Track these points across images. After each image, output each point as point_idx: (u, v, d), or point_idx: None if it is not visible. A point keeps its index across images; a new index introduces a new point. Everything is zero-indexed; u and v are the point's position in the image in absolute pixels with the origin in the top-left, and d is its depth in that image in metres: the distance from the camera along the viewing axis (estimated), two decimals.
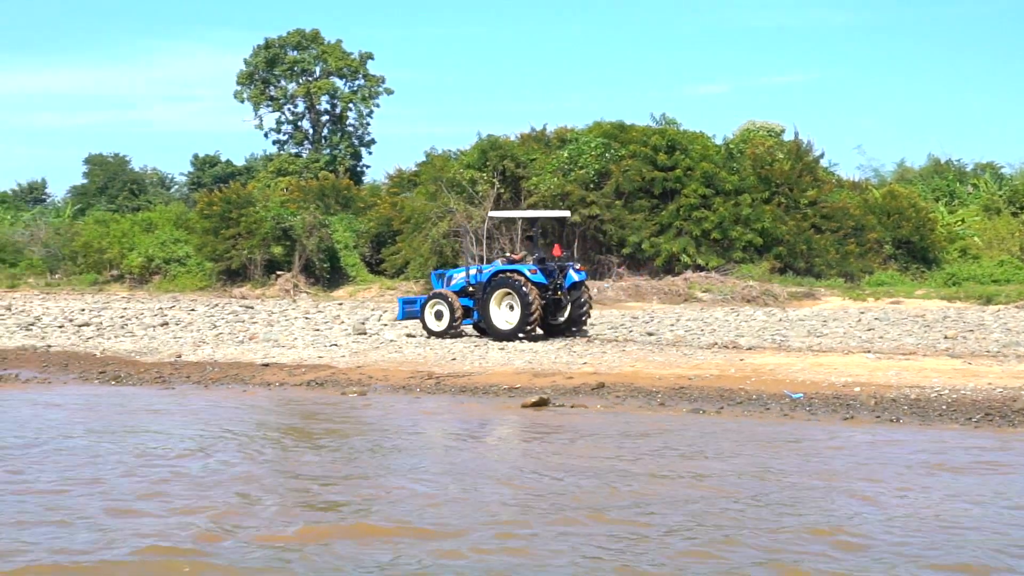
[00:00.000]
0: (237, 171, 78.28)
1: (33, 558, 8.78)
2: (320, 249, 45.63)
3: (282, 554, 8.91)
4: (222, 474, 11.92)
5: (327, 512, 10.29)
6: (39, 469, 11.99)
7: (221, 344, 24.45)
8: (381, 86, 66.93)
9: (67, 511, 10.17)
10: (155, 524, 9.76)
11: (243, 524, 9.79)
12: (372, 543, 9.17)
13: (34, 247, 57.28)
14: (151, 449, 13.21)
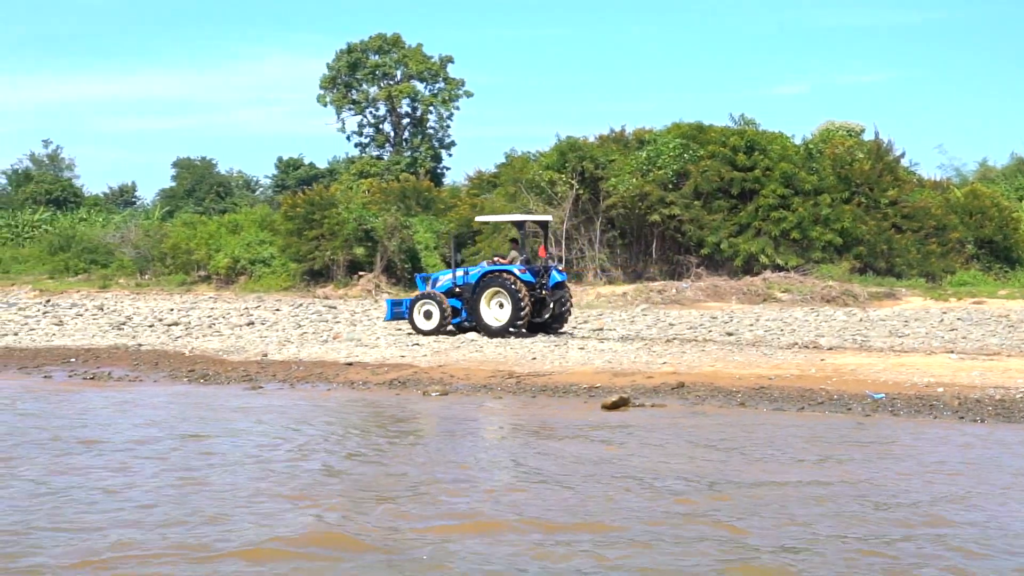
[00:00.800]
0: (320, 173, 79.24)
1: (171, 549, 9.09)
2: (401, 250, 46.15)
3: (442, 549, 9.05)
4: (330, 472, 12.15)
5: (451, 509, 10.38)
6: (153, 467, 12.20)
7: (305, 343, 24.89)
8: (461, 89, 67.42)
9: (194, 507, 10.41)
10: (274, 521, 9.93)
11: (381, 523, 9.89)
12: (518, 540, 9.38)
13: (125, 248, 58.53)
14: (257, 448, 13.42)
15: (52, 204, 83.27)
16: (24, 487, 11.10)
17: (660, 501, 10.59)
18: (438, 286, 26.66)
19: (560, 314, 26.31)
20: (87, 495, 10.75)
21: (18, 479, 11.49)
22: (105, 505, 10.40)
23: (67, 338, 27.21)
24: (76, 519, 9.87)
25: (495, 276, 25.39)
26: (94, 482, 11.38)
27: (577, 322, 29.66)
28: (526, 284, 25.21)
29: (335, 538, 9.33)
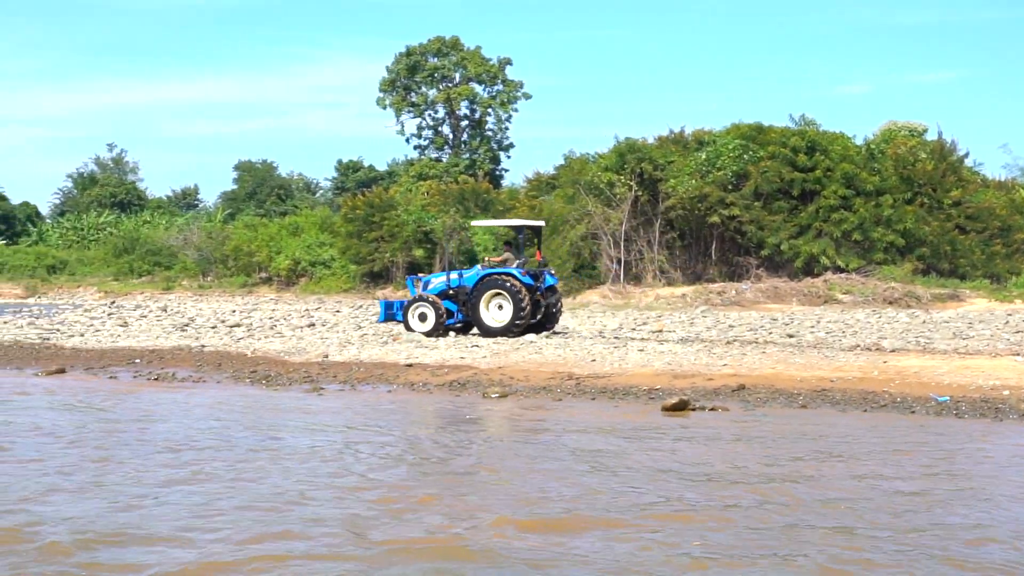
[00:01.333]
0: (379, 176, 79.74)
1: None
2: (460, 251, 46.33)
3: (543, 553, 8.92)
4: (417, 474, 12.18)
5: (539, 511, 10.24)
6: (254, 471, 12.14)
7: (366, 345, 25.03)
8: (519, 91, 67.64)
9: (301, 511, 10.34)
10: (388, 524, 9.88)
11: (479, 526, 9.74)
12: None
13: (187, 251, 59.31)
14: (340, 450, 13.47)
15: (117, 207, 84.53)
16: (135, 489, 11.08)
17: (746, 509, 10.44)
18: (430, 288, 27.15)
19: (552, 316, 27.12)
20: (186, 498, 10.74)
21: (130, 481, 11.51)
22: (195, 506, 10.48)
23: (132, 339, 27.56)
24: (185, 524, 9.86)
25: (495, 279, 26.07)
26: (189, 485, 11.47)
27: (636, 324, 29.60)
28: (526, 286, 25.92)
29: (442, 542, 9.28)
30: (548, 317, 27.03)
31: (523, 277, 25.99)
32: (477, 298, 26.13)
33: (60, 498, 10.56)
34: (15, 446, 13.30)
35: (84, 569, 8.39)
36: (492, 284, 26.04)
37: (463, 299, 26.52)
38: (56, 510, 10.05)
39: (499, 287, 25.93)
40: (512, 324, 25.80)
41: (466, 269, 27.96)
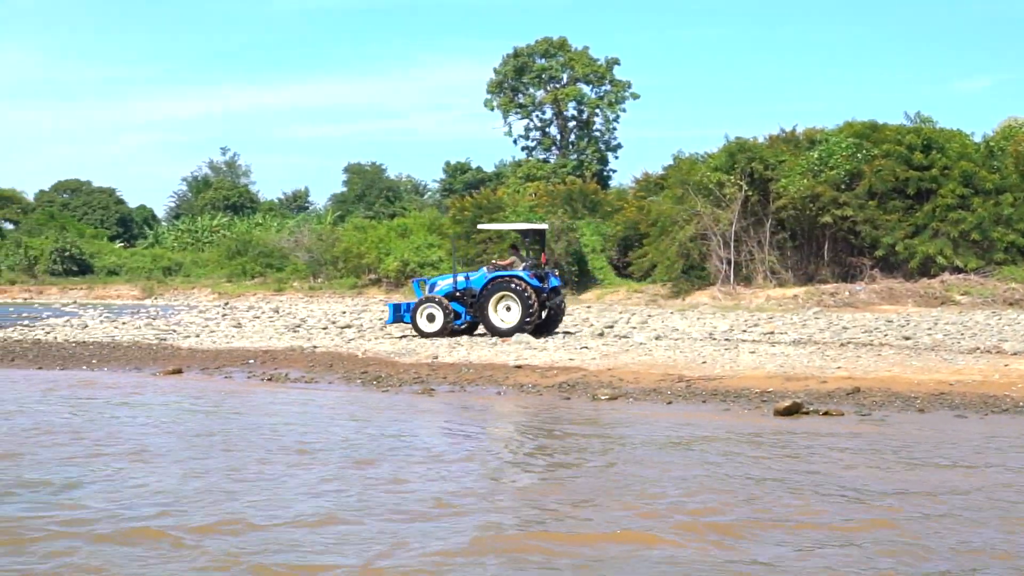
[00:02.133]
0: (487, 177, 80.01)
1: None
2: (568, 253, 46.26)
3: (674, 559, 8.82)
4: (538, 480, 12.17)
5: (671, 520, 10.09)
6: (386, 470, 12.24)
7: (475, 346, 25.07)
8: (627, 91, 67.35)
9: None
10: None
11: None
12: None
13: (298, 252, 60.15)
14: (467, 454, 13.50)
15: (229, 210, 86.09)
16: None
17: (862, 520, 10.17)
18: (436, 290, 27.76)
19: (556, 316, 27.95)
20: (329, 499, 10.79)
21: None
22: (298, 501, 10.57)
23: (245, 340, 27.98)
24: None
25: (504, 281, 26.78)
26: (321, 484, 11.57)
27: (747, 325, 29.24)
28: (533, 289, 26.68)
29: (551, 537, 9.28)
30: (552, 318, 27.77)
31: (531, 279, 26.71)
32: (486, 300, 26.80)
33: (215, 497, 10.72)
34: (155, 448, 13.54)
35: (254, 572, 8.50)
36: (500, 286, 26.78)
37: (470, 300, 27.23)
38: (208, 509, 10.21)
39: (507, 289, 26.69)
40: (521, 325, 26.51)
41: (472, 272, 28.56)
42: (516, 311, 26.64)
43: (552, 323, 27.81)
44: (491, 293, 26.78)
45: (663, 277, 42.74)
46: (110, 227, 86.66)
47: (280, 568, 8.42)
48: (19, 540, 9.13)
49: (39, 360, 25.09)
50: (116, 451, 13.12)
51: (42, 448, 13.21)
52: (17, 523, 9.61)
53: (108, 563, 8.51)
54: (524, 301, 26.52)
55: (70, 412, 16.41)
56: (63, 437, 13.98)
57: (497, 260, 28.57)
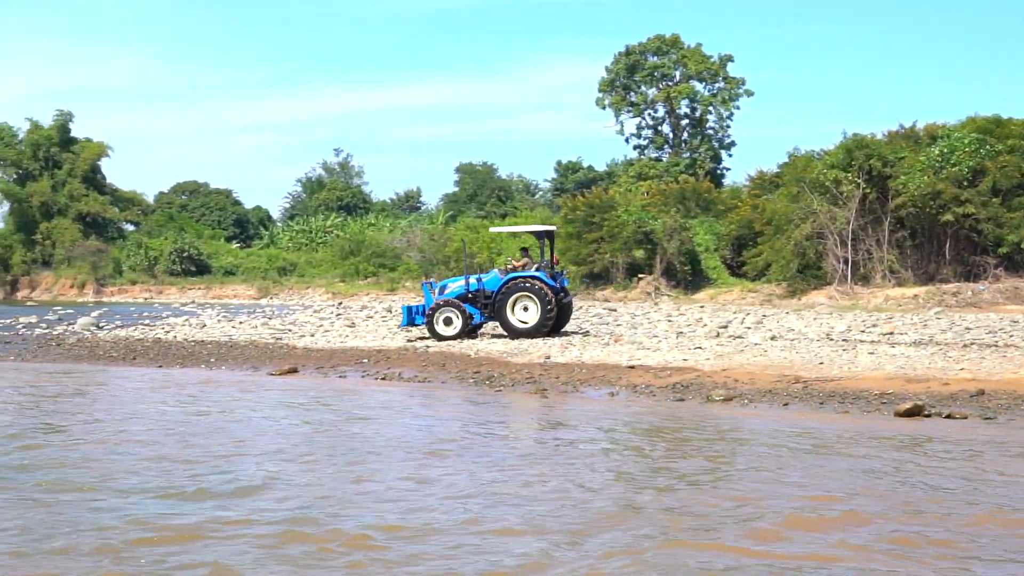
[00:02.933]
0: (599, 176, 79.76)
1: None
2: (681, 252, 45.86)
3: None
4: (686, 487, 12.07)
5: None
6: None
7: (587, 346, 24.94)
8: (741, 88, 66.55)
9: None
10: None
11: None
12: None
13: (411, 252, 60.60)
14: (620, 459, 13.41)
15: (343, 210, 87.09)
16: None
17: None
18: (447, 293, 28.01)
19: (566, 316, 28.47)
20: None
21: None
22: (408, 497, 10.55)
23: (359, 340, 28.23)
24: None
25: (522, 282, 27.17)
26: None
27: (865, 325, 28.63)
28: (549, 288, 27.11)
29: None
30: (562, 317, 28.12)
31: (548, 280, 27.21)
32: (504, 301, 27.14)
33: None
34: (301, 448, 13.66)
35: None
36: (519, 287, 27.13)
37: (482, 302, 27.56)
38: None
39: (526, 290, 27.06)
40: (541, 325, 26.90)
41: (483, 274, 28.74)
42: (534, 311, 27.03)
43: (561, 322, 28.17)
44: (509, 294, 27.13)
45: (778, 277, 42.09)
46: (227, 228, 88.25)
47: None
48: (199, 538, 9.14)
49: (160, 359, 25.58)
50: (262, 451, 13.15)
51: (190, 448, 13.27)
52: (198, 526, 9.53)
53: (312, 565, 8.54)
54: (543, 301, 26.89)
55: (199, 411, 16.65)
56: (204, 439, 14.05)
57: (514, 262, 28.74)
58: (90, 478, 11.38)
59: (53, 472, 11.73)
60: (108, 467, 11.98)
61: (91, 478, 11.38)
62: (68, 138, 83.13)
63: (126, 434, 14.30)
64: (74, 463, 12.26)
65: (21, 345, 29.75)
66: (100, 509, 10.07)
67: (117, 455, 12.80)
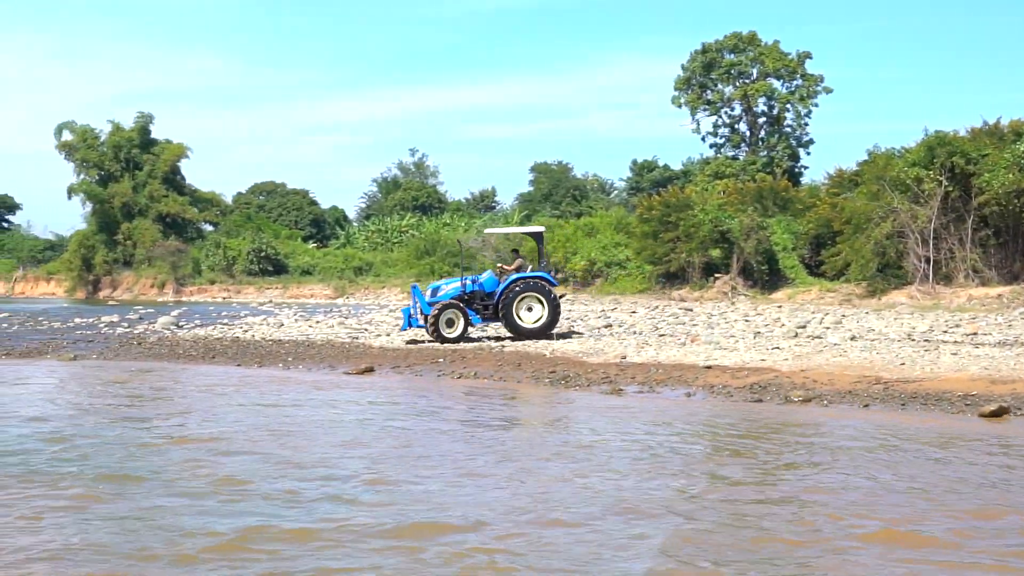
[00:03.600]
0: (674, 175, 79.37)
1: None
2: (758, 251, 45.40)
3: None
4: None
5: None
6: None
7: (664, 346, 24.74)
8: (820, 85, 65.81)
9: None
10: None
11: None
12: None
13: (486, 252, 60.62)
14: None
15: (418, 210, 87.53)
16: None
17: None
18: (440, 295, 27.81)
19: (557, 316, 28.05)
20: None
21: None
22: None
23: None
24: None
25: (531, 282, 27.31)
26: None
27: (947, 326, 28.11)
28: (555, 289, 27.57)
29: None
30: (555, 318, 27.87)
31: (553, 280, 27.71)
32: (511, 301, 27.18)
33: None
34: (411, 447, 13.69)
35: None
36: (527, 288, 27.25)
37: (479, 303, 27.58)
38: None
39: (534, 290, 27.22)
40: (550, 325, 27.22)
41: (478, 275, 28.73)
42: (538, 311, 27.25)
43: (553, 323, 28.00)
44: (517, 295, 27.20)
45: (857, 276, 41.49)
46: (304, 228, 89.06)
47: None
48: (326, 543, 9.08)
49: (238, 357, 25.81)
50: (367, 451, 13.13)
51: (292, 449, 13.25)
52: (317, 531, 9.37)
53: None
54: (551, 302, 27.23)
55: (289, 409, 16.76)
56: (303, 439, 14.06)
57: (505, 264, 29.00)
58: (196, 484, 11.28)
59: (160, 476, 11.70)
60: (215, 470, 11.96)
61: (198, 484, 11.29)
62: (148, 140, 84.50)
63: (223, 436, 14.33)
64: (177, 464, 12.28)
65: (103, 344, 30.19)
66: (221, 514, 9.97)
67: (222, 457, 12.78)
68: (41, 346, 29.43)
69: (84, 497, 10.59)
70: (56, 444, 13.46)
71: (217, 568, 8.41)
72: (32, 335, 33.42)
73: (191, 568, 8.44)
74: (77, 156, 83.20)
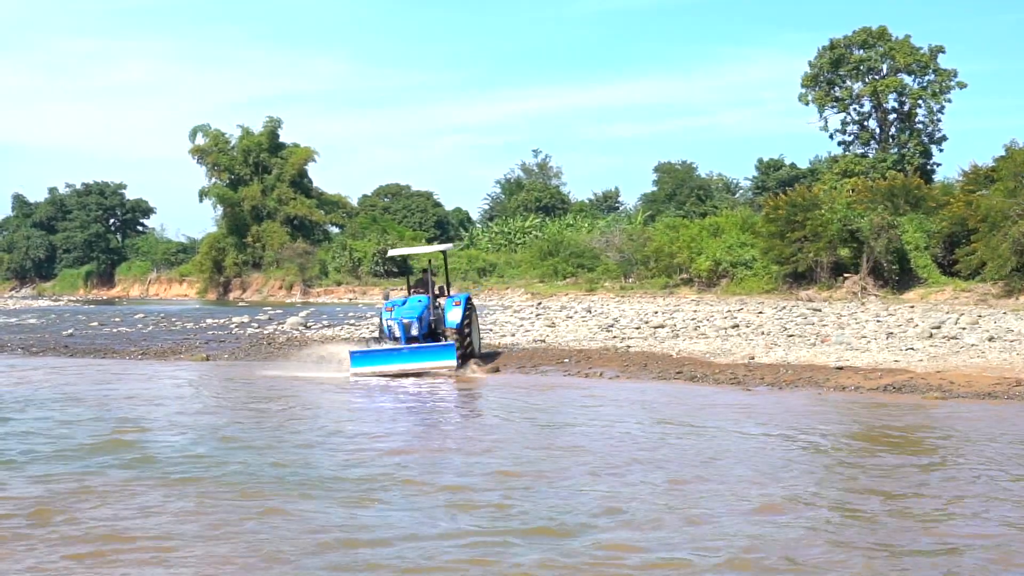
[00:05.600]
0: (801, 174, 78.03)
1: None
2: (889, 250, 44.33)
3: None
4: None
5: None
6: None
7: (792, 346, 24.28)
8: (953, 80, 64.00)
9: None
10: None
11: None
12: None
13: (609, 252, 60.35)
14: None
15: (541, 211, 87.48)
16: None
17: None
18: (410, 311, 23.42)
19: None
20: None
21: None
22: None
23: (559, 339, 28.15)
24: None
25: (470, 304, 24.51)
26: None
27: None
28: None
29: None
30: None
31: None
32: (472, 325, 24.30)
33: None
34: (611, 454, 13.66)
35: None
36: (472, 308, 24.62)
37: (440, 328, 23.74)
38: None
39: (474, 310, 24.79)
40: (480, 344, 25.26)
41: (416, 296, 24.69)
42: (476, 332, 24.76)
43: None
44: (471, 315, 24.31)
45: (994, 275, 40.23)
46: (428, 229, 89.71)
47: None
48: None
49: None
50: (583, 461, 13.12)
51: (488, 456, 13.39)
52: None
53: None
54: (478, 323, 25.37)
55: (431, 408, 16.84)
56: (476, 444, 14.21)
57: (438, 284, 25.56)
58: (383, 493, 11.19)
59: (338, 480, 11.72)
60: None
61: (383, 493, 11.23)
62: (277, 144, 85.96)
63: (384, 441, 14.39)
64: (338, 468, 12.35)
65: (234, 344, 30.74)
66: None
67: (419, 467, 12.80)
68: (175, 346, 30.09)
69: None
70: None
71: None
72: (166, 335, 34.20)
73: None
74: (209, 160, 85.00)
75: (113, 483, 11.57)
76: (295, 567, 8.60)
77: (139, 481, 11.63)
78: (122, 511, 10.35)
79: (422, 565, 8.62)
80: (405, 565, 8.60)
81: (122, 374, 23.75)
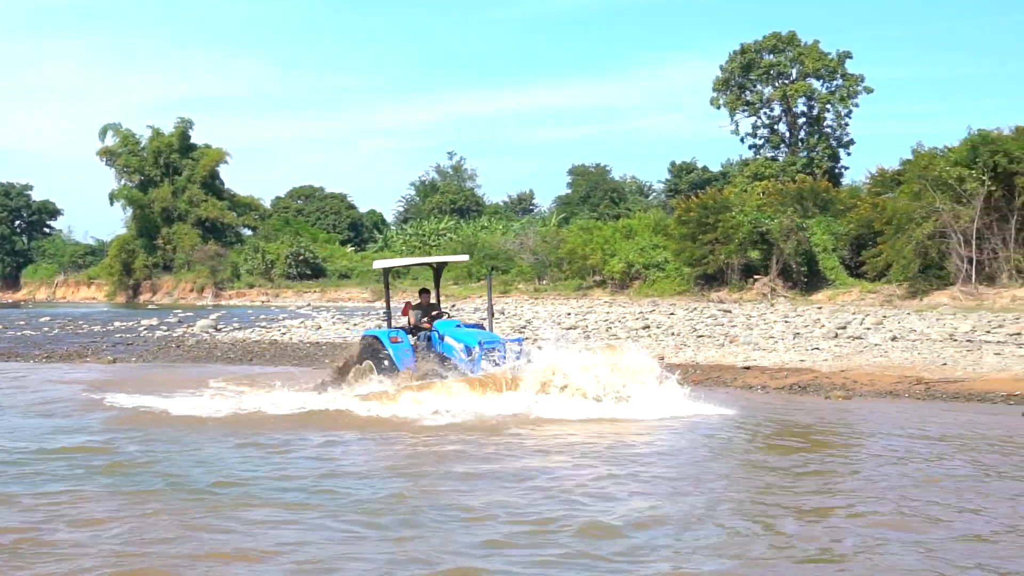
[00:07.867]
0: (713, 177, 78.92)
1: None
2: (798, 252, 45.03)
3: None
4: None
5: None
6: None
7: (702, 347, 24.52)
8: (860, 85, 65.14)
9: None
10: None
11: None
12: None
13: (523, 254, 60.54)
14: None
15: (456, 213, 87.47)
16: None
17: None
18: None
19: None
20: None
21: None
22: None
23: None
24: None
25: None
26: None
27: (991, 327, 27.69)
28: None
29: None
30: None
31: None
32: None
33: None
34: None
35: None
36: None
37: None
38: None
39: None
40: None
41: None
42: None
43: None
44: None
45: (899, 277, 41.01)
46: (341, 232, 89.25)
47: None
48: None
49: (276, 360, 25.82)
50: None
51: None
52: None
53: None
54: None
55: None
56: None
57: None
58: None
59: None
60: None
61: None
62: (188, 145, 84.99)
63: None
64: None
65: (142, 347, 30.30)
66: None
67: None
68: (81, 349, 29.59)
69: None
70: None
71: None
72: (73, 339, 33.62)
73: None
74: (118, 162, 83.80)
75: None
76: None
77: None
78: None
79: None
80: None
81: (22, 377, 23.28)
